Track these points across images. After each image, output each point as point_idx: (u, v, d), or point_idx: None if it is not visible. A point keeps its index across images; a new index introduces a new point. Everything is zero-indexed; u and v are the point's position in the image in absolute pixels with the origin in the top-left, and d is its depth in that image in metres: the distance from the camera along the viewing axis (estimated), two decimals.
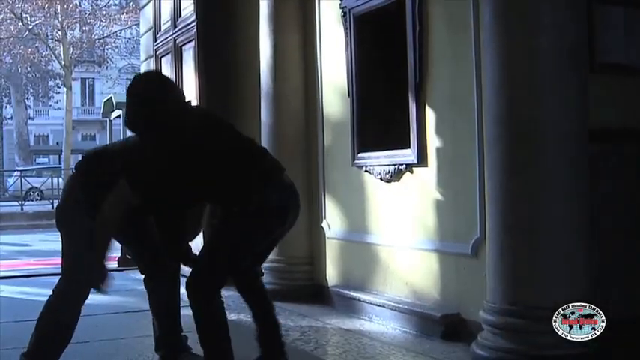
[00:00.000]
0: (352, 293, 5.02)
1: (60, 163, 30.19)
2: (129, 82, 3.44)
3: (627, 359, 3.52)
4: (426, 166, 4.45)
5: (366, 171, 5.00)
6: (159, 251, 3.54)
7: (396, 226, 4.75)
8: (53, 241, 13.66)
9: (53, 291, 3.38)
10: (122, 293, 6.08)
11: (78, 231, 3.33)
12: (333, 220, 5.46)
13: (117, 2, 29.34)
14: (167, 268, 3.56)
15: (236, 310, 5.47)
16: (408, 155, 4.57)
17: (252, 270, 3.49)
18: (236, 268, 3.30)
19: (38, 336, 3.34)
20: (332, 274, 5.44)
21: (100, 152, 3.61)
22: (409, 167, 4.58)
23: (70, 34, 27.11)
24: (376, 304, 4.75)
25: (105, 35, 28.46)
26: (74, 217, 3.35)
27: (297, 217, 3.36)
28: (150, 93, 3.22)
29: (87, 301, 3.55)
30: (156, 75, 3.74)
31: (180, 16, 7.16)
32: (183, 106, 3.29)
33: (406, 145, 4.58)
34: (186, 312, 3.47)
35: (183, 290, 3.63)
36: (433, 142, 4.41)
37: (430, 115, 4.44)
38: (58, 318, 3.35)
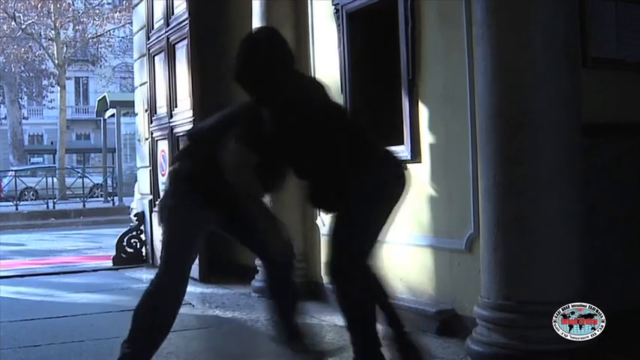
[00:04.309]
0: None
1: (54, 163, 30.10)
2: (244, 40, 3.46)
3: (622, 353, 3.53)
4: (420, 162, 4.45)
5: None
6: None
7: (389, 222, 4.73)
8: (48, 240, 13.71)
9: (152, 282, 3.36)
10: (117, 292, 6.08)
11: (179, 222, 3.34)
12: (327, 217, 5.44)
13: (110, 1, 29.30)
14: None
15: (231, 307, 5.49)
16: (402, 151, 4.56)
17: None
18: (373, 245, 3.27)
19: (137, 324, 3.29)
20: None
21: (201, 131, 3.60)
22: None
23: (64, 33, 27.00)
24: None
25: (98, 34, 28.39)
26: (175, 208, 3.35)
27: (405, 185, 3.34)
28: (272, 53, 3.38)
29: (81, 301, 3.53)
30: (273, 34, 3.64)
31: (172, 14, 7.13)
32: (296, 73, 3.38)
33: (400, 142, 4.57)
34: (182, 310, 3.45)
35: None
36: (427, 138, 4.41)
37: (423, 111, 4.44)
38: (158, 306, 3.32)
